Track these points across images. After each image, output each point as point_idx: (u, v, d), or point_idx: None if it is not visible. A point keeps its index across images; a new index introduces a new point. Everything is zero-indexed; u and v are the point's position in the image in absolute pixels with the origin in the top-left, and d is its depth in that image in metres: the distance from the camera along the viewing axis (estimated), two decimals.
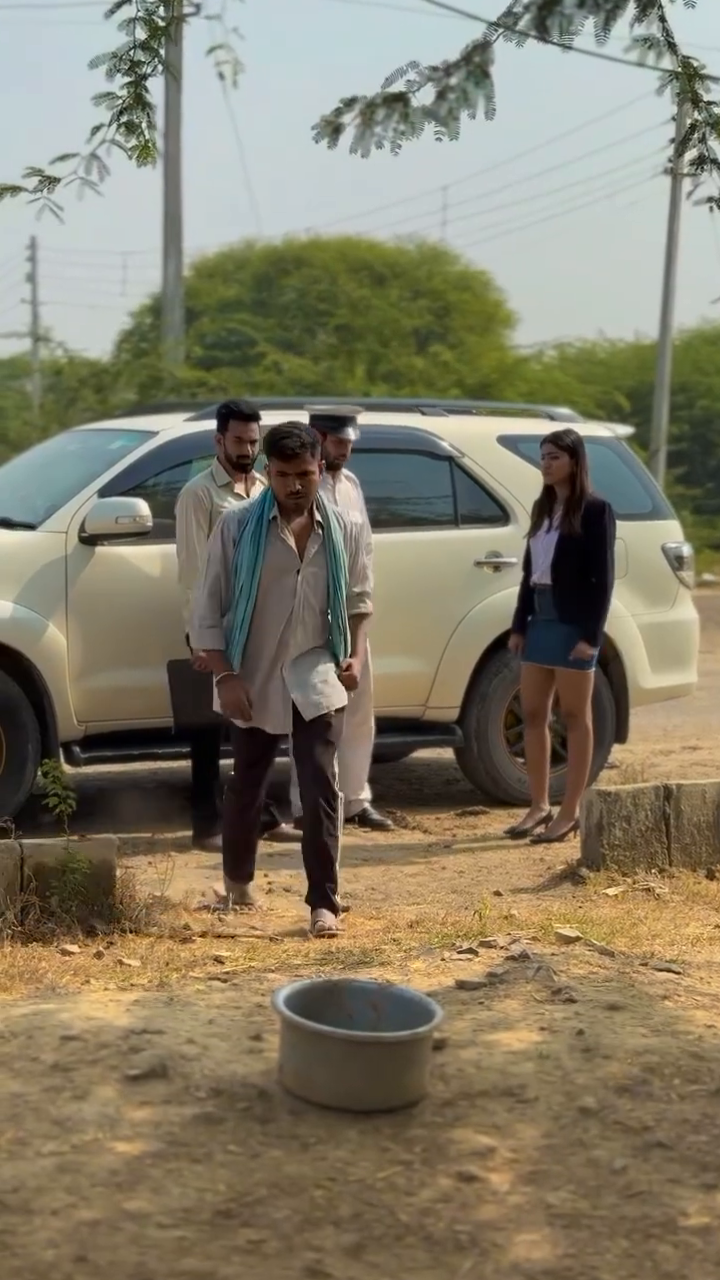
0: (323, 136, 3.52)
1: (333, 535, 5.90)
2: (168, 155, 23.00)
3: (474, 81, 3.39)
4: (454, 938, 5.23)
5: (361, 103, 3.47)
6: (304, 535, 5.89)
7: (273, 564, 5.82)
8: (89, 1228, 3.20)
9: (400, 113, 3.44)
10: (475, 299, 31.60)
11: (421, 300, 29.84)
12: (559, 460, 7.44)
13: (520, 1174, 3.53)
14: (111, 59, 4.56)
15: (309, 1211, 3.31)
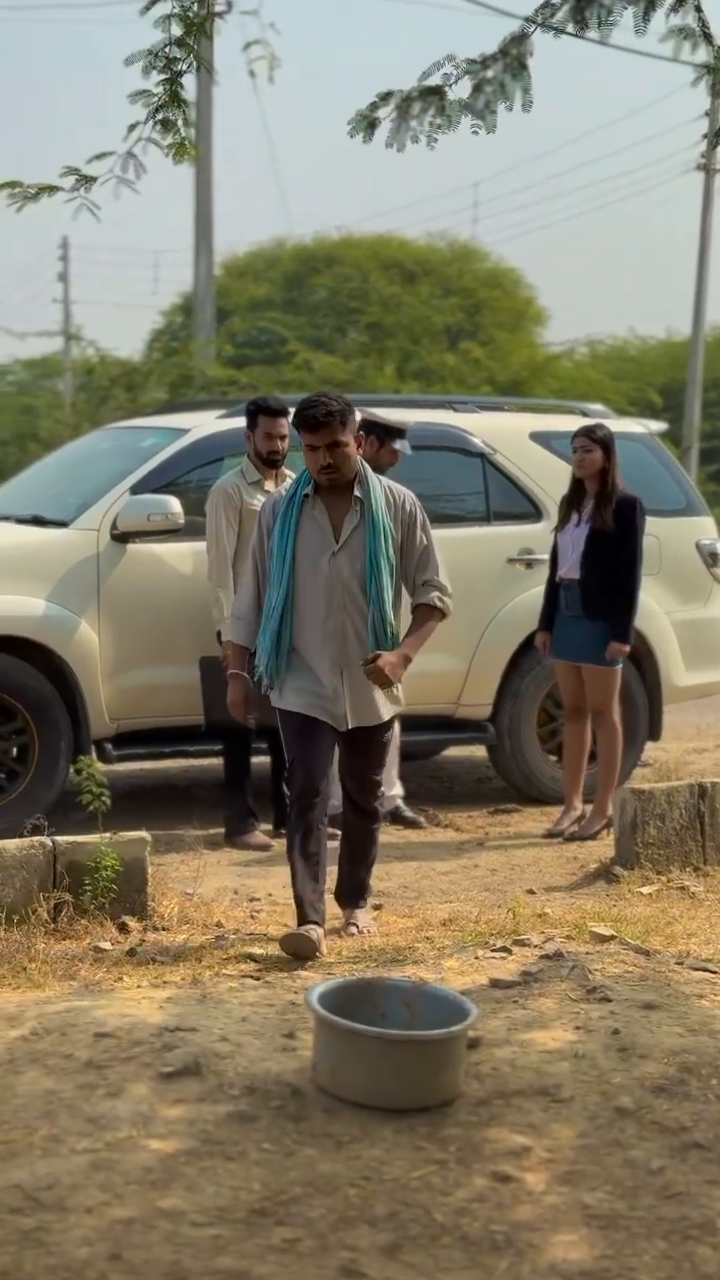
0: (358, 131, 3.50)
1: (375, 510, 5.28)
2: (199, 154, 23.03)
3: (511, 74, 3.37)
4: (488, 936, 5.21)
5: (397, 96, 3.45)
6: (342, 513, 5.30)
7: (305, 546, 5.27)
8: (123, 1225, 3.19)
9: (437, 106, 3.42)
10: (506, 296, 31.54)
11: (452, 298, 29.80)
12: (592, 454, 7.40)
13: (556, 1174, 3.50)
14: (147, 56, 4.55)
15: (344, 1210, 3.29)
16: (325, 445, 5.16)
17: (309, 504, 5.30)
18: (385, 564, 5.26)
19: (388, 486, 5.36)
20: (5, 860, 5.38)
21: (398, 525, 5.34)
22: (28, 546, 7.58)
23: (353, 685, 5.31)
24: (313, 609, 5.29)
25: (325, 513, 5.29)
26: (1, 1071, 3.91)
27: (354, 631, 5.29)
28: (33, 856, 5.43)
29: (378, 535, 5.24)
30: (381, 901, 6.13)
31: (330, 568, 5.25)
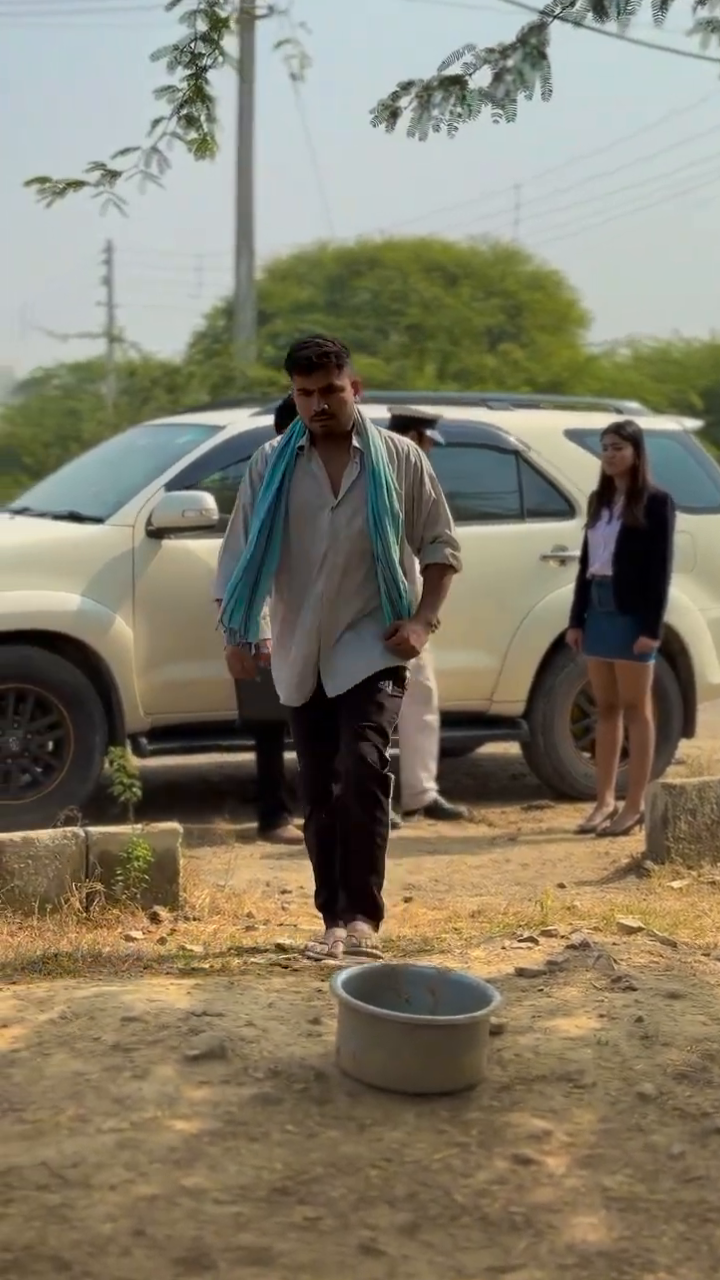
0: (380, 120, 3.54)
1: (375, 461, 4.78)
2: (240, 157, 23.17)
3: (530, 63, 3.40)
4: (515, 927, 5.23)
5: (418, 86, 3.49)
6: (340, 465, 4.81)
7: (299, 500, 4.79)
8: (147, 1203, 3.23)
9: (457, 95, 3.45)
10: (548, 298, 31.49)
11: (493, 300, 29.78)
12: (622, 451, 7.42)
13: (577, 1158, 3.52)
14: (172, 51, 4.60)
15: (364, 1190, 3.33)
16: (319, 389, 4.71)
17: (304, 456, 4.82)
18: (389, 519, 4.77)
19: (388, 437, 4.91)
20: (38, 850, 5.44)
21: (401, 477, 4.85)
22: (64, 543, 7.66)
23: (335, 653, 4.84)
24: (302, 570, 4.81)
25: (322, 465, 4.81)
26: (31, 1054, 3.96)
27: (346, 593, 4.82)
28: (65, 847, 5.49)
29: (380, 488, 4.75)
30: (411, 894, 6.16)
31: (329, 524, 4.77)
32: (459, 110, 3.46)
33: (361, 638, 4.84)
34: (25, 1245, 3.04)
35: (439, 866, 6.84)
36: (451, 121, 3.47)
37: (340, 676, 4.84)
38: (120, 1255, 3.02)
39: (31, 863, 5.42)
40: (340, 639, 4.83)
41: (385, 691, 4.85)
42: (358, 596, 4.84)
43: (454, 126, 3.46)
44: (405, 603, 4.88)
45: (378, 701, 4.85)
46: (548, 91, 3.41)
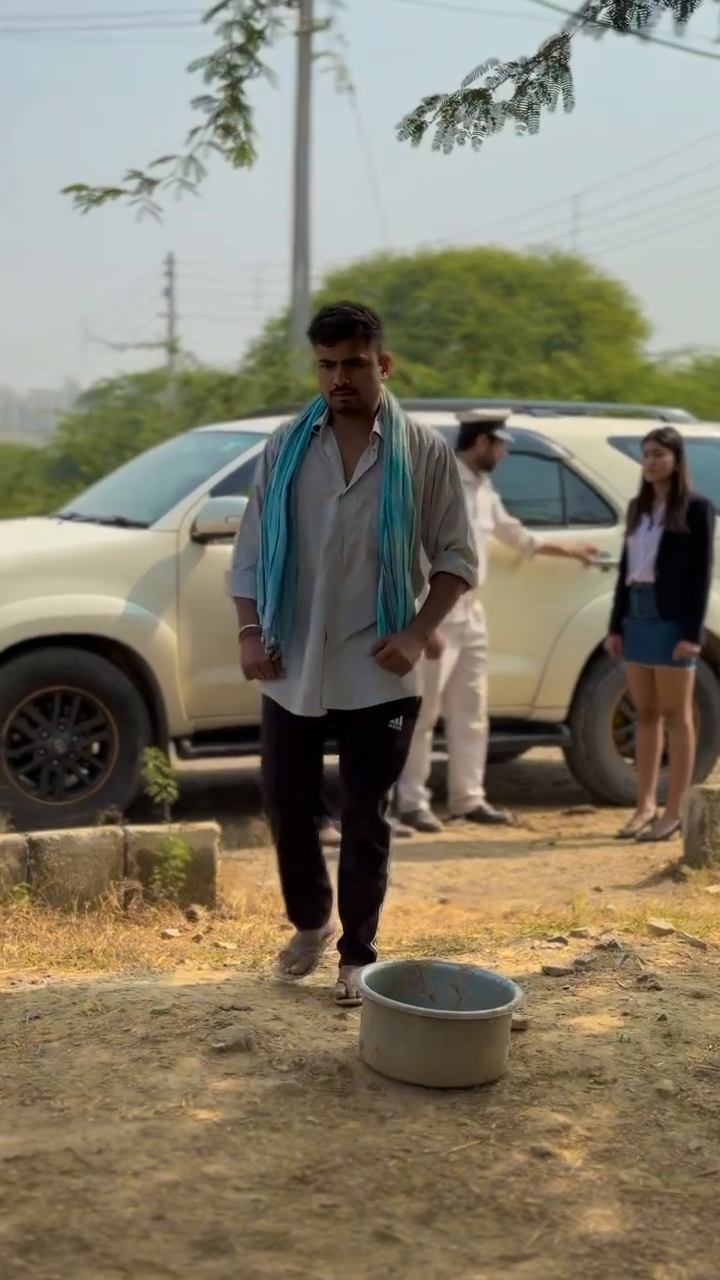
0: (406, 135, 3.60)
1: (395, 450, 4.29)
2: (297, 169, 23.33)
3: (553, 76, 3.46)
4: (546, 928, 5.28)
5: (443, 100, 3.56)
6: (357, 450, 4.32)
7: (309, 485, 4.31)
8: (168, 1189, 3.30)
9: (481, 109, 3.51)
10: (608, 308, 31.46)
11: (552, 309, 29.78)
12: (663, 458, 7.45)
13: (594, 1151, 3.57)
14: (209, 63, 4.69)
15: (382, 1180, 3.39)
16: (342, 361, 4.24)
17: (319, 437, 4.33)
18: (401, 515, 4.27)
19: (414, 426, 4.40)
20: (78, 849, 5.54)
21: (422, 471, 4.34)
22: (110, 547, 7.77)
23: (333, 659, 4.33)
24: (308, 561, 4.33)
25: (337, 448, 4.32)
26: (61, 1044, 4.05)
27: (349, 594, 4.33)
28: (104, 845, 5.58)
29: (395, 479, 4.26)
30: (448, 897, 6.22)
31: (335, 512, 4.28)
32: (483, 124, 3.52)
33: (369, 653, 4.35)
34: (48, 1227, 3.12)
35: (477, 869, 6.89)
36: (475, 135, 3.53)
37: (342, 691, 4.35)
38: (140, 1238, 3.10)
39: (71, 860, 5.52)
40: (347, 646, 4.34)
41: (396, 729, 4.40)
42: (361, 599, 4.32)
43: (478, 140, 3.52)
44: (403, 612, 4.33)
45: (387, 741, 4.40)
46: (570, 103, 3.47)
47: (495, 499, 8.04)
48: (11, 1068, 3.91)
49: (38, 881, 5.45)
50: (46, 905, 5.42)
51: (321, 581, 4.30)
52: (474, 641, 7.91)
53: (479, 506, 7.83)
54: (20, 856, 5.49)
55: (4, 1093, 3.77)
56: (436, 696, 7.80)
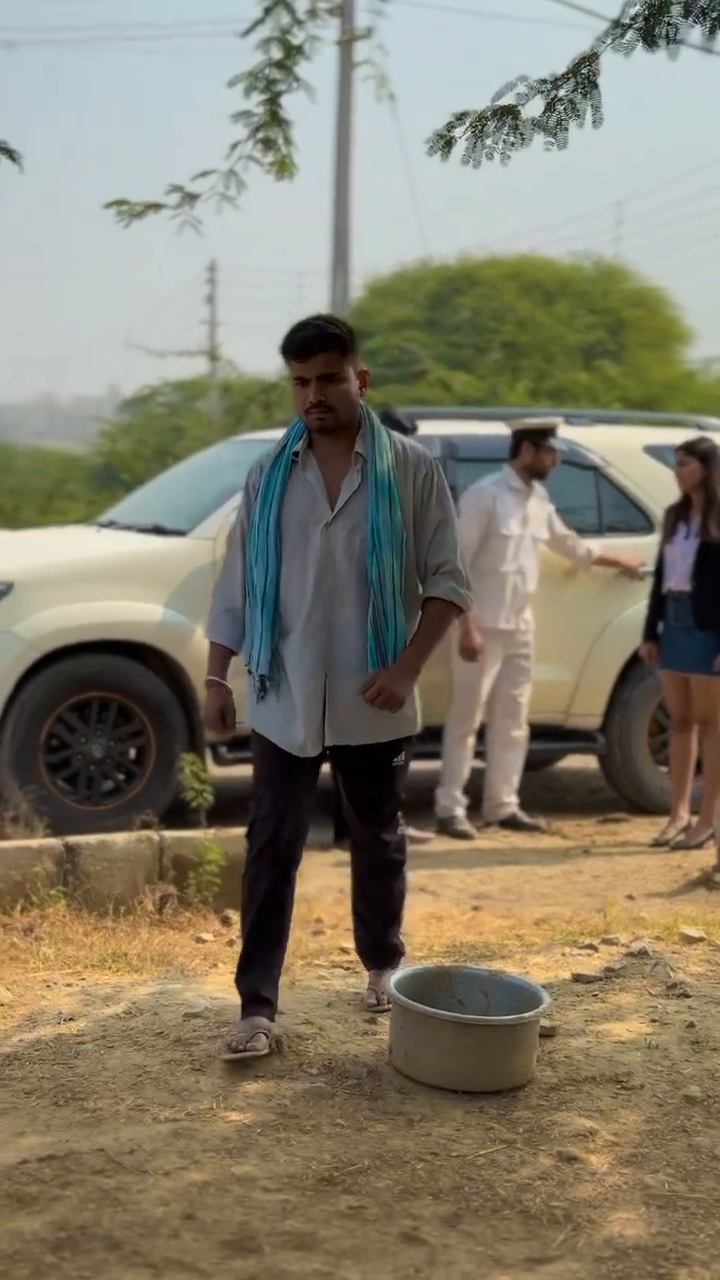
0: (435, 150, 3.65)
1: (379, 469, 4.06)
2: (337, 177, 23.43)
3: (582, 92, 3.50)
4: (577, 935, 5.31)
5: (472, 116, 3.60)
6: (340, 472, 4.10)
7: (293, 514, 4.08)
8: (198, 1189, 3.36)
9: (510, 124, 3.55)
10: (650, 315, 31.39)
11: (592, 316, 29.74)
12: (688, 467, 7.47)
13: (620, 1156, 3.60)
14: (249, 78, 4.75)
15: (409, 1182, 3.43)
16: (316, 377, 4.01)
17: (299, 463, 4.12)
18: (390, 538, 4.04)
19: (398, 441, 4.15)
20: (114, 853, 5.60)
21: (410, 491, 4.10)
22: (147, 555, 7.84)
23: (335, 694, 4.12)
24: (297, 595, 4.09)
25: (319, 472, 4.10)
26: (95, 1046, 4.11)
27: (344, 625, 4.09)
28: (140, 850, 5.64)
29: (381, 500, 4.03)
30: (480, 904, 6.25)
31: (322, 542, 4.05)
32: (512, 139, 3.56)
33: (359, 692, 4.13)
34: (80, 1225, 3.18)
35: (510, 876, 6.92)
36: (504, 150, 3.57)
37: (344, 728, 4.14)
38: (170, 1237, 3.15)
39: (107, 865, 5.58)
40: (346, 680, 4.11)
41: (396, 766, 4.31)
42: (358, 630, 4.08)
43: (506, 155, 3.57)
44: (394, 640, 4.09)
45: (392, 775, 4.31)
46: (598, 120, 3.51)
47: (551, 510, 8.07)
48: (46, 1069, 3.97)
49: (74, 885, 5.52)
50: (83, 909, 5.49)
51: (316, 614, 4.07)
52: (520, 650, 7.94)
53: (530, 516, 7.87)
54: (57, 860, 5.55)
55: (38, 1093, 3.83)
56: (480, 702, 7.84)
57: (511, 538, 7.79)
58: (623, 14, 3.46)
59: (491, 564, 7.76)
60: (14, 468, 33.42)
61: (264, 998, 4.12)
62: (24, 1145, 3.54)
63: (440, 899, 6.34)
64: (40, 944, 5.13)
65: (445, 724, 7.89)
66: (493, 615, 7.76)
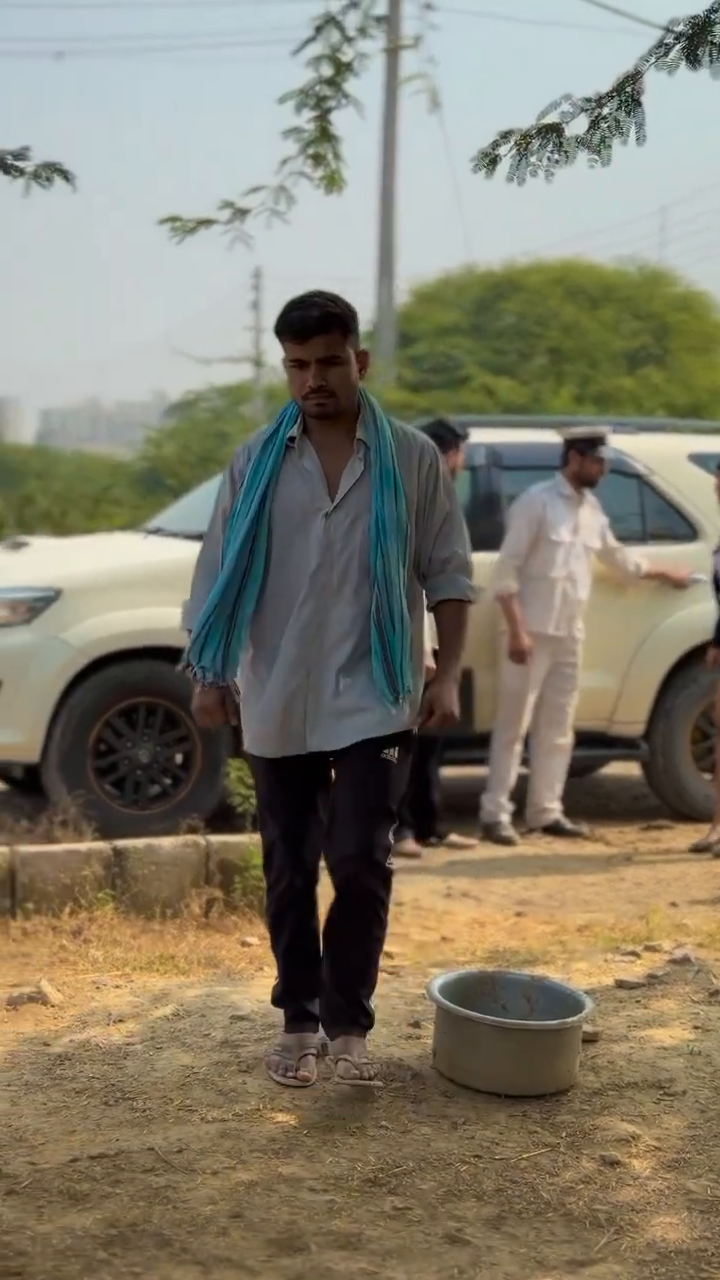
0: (480, 167, 3.71)
1: (384, 457, 3.79)
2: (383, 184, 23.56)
3: (626, 110, 3.55)
4: (620, 942, 5.34)
5: (517, 134, 3.66)
6: (339, 461, 3.82)
7: (287, 503, 3.79)
8: (245, 1188, 3.42)
9: (554, 142, 3.61)
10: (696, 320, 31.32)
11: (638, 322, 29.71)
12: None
13: (662, 1161, 3.64)
14: (299, 95, 4.82)
15: (453, 1184, 3.48)
16: (316, 360, 3.73)
17: (294, 449, 3.82)
18: (395, 530, 3.78)
19: (400, 428, 3.89)
20: (161, 857, 5.68)
21: (414, 480, 3.85)
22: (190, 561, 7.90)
23: (316, 693, 3.85)
24: (286, 589, 3.82)
25: (317, 459, 3.82)
26: (144, 1048, 4.18)
27: (337, 621, 3.83)
28: (187, 854, 5.71)
29: (386, 490, 3.76)
30: (523, 910, 6.29)
31: (323, 532, 3.78)
32: (556, 156, 3.62)
33: (359, 684, 3.84)
34: (130, 1223, 3.24)
35: (553, 883, 6.95)
36: (549, 167, 3.63)
37: (332, 729, 3.86)
38: (218, 1235, 3.21)
39: (154, 868, 5.66)
40: (334, 680, 3.84)
41: (391, 761, 3.88)
42: (353, 627, 3.82)
43: (550, 172, 3.62)
44: (399, 640, 3.80)
45: (383, 775, 3.87)
46: (642, 137, 3.56)
47: (605, 522, 8.10)
48: (96, 1069, 4.04)
49: (122, 889, 5.60)
50: (130, 912, 5.56)
51: (306, 610, 3.80)
52: (568, 657, 7.98)
53: (582, 524, 7.91)
54: (105, 864, 5.63)
55: (89, 1093, 3.90)
56: (527, 708, 7.87)
57: (562, 544, 7.83)
58: (666, 33, 3.51)
59: (541, 569, 7.81)
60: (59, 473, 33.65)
61: (308, 1012, 4.08)
62: (75, 1143, 3.61)
63: (483, 904, 6.39)
64: (89, 946, 5.21)
65: (493, 730, 7.94)
66: (541, 620, 7.80)
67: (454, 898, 6.58)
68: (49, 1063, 4.10)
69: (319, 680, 3.84)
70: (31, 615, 7.42)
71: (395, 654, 3.79)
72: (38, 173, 4.38)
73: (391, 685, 3.79)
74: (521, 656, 7.67)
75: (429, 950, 5.46)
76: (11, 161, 4.37)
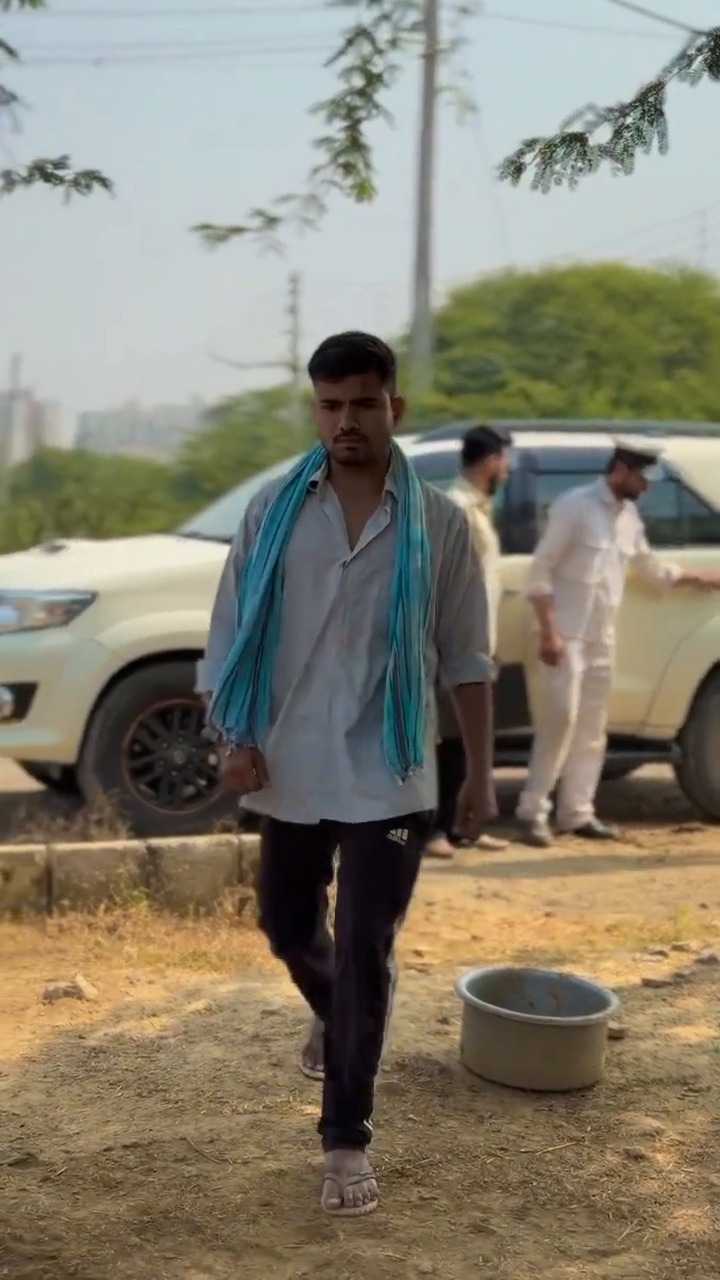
0: (505, 175, 3.78)
1: (411, 513, 3.49)
2: (420, 189, 23.64)
3: (649, 120, 3.61)
4: (648, 941, 5.39)
5: (541, 143, 3.73)
6: (364, 511, 3.52)
7: (304, 551, 3.50)
8: (275, 1177, 3.49)
9: (578, 151, 3.67)
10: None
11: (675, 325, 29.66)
12: None
13: (686, 1155, 3.70)
14: (330, 105, 4.90)
15: (479, 1176, 3.55)
16: (351, 401, 3.44)
17: (316, 495, 3.53)
18: (419, 589, 3.47)
19: (432, 491, 3.61)
20: (195, 855, 5.75)
21: (440, 546, 3.54)
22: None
23: (332, 760, 3.49)
24: (301, 641, 3.51)
25: (339, 506, 3.52)
26: (177, 1041, 4.26)
27: (348, 679, 3.49)
28: (220, 853, 5.79)
29: (412, 548, 3.47)
30: (553, 910, 6.34)
31: (339, 582, 3.48)
32: (580, 165, 3.69)
33: (369, 753, 3.48)
34: (163, 1210, 3.32)
35: (584, 884, 7.00)
36: (572, 175, 3.70)
37: (338, 799, 3.50)
38: (248, 1222, 3.28)
39: (188, 867, 5.74)
40: (343, 745, 3.49)
41: (400, 845, 3.52)
42: (365, 688, 3.48)
43: (574, 180, 3.69)
44: (415, 706, 3.47)
45: (391, 861, 3.52)
46: (664, 146, 3.62)
47: (640, 528, 8.11)
48: (130, 1062, 4.13)
49: (156, 887, 5.68)
50: (164, 909, 5.64)
51: (316, 665, 3.49)
52: (600, 661, 8.01)
53: (618, 530, 7.93)
54: (140, 862, 5.71)
55: (123, 1084, 3.99)
56: (572, 708, 7.89)
57: (598, 551, 7.85)
58: (689, 44, 3.57)
59: (575, 575, 7.84)
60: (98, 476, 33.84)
61: None
62: (110, 1133, 3.69)
63: (514, 905, 6.44)
64: (124, 943, 5.30)
65: (536, 731, 7.97)
66: (573, 625, 7.84)
67: (485, 898, 6.63)
68: (84, 1055, 4.19)
69: (326, 742, 3.49)
70: (68, 617, 7.51)
71: (409, 720, 3.45)
72: (77, 180, 4.47)
73: (402, 754, 3.44)
74: (553, 658, 7.72)
75: (459, 949, 5.52)
76: (52, 170, 4.46)
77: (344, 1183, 3.43)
